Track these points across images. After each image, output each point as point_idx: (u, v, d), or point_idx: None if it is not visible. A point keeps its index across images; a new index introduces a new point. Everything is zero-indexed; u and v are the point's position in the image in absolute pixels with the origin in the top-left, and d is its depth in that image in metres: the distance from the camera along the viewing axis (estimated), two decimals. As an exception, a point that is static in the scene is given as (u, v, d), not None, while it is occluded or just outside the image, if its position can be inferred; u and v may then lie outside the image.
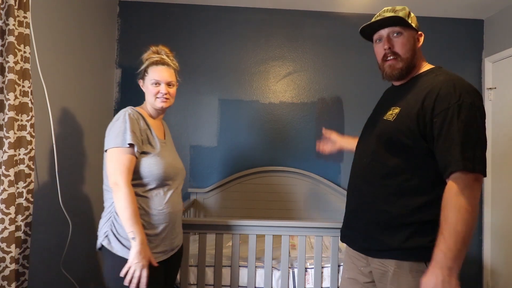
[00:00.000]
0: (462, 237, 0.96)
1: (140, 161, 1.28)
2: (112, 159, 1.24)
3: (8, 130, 1.32)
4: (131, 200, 1.20)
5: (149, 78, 1.38)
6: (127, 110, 1.31)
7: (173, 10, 2.64)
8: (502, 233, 2.45)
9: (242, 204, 2.58)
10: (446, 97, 1.02)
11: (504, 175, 2.45)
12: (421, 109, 1.05)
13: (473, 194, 0.97)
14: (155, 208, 1.30)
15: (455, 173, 0.99)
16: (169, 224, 1.34)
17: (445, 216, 0.98)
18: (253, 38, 2.67)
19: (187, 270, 1.78)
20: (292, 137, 2.66)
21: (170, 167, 1.34)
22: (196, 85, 2.64)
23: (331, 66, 2.68)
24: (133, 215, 1.20)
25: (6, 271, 1.32)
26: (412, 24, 1.15)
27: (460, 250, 0.96)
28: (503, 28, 2.49)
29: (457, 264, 0.96)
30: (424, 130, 1.05)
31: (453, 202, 0.98)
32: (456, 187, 0.98)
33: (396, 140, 1.10)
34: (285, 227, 1.76)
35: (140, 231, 1.20)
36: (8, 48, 1.32)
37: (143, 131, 1.31)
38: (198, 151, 2.64)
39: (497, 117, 2.55)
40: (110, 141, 1.25)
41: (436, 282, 0.96)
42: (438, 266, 0.96)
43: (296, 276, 1.79)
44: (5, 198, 1.31)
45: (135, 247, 1.19)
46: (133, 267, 1.19)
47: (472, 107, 1.01)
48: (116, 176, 1.22)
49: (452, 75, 1.09)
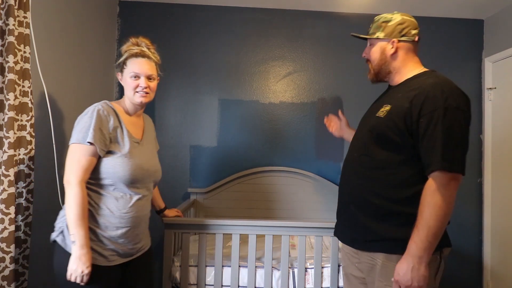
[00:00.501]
0: (433, 231, 1.06)
1: (104, 160, 1.22)
2: (70, 155, 1.19)
3: (8, 130, 1.32)
4: (80, 201, 1.15)
5: (128, 70, 1.31)
6: (98, 105, 1.24)
7: (173, 10, 2.64)
8: (502, 233, 2.45)
9: (242, 204, 2.58)
10: (433, 99, 1.08)
11: (504, 175, 2.45)
12: (409, 108, 1.12)
13: (449, 193, 1.06)
14: (118, 210, 1.24)
15: (435, 172, 1.07)
16: (131, 229, 1.28)
17: (421, 211, 1.08)
18: (253, 38, 2.67)
19: (187, 270, 1.78)
20: (292, 137, 2.66)
21: (138, 169, 1.26)
22: (196, 85, 2.64)
23: (331, 66, 2.68)
24: (78, 217, 1.14)
25: (5, 271, 1.32)
26: (381, 35, 1.25)
27: (430, 242, 1.06)
28: (503, 28, 2.49)
29: (427, 254, 1.07)
30: (411, 128, 1.12)
31: (428, 199, 1.07)
32: (434, 185, 1.07)
33: (385, 136, 1.17)
34: (285, 227, 1.76)
35: (82, 235, 1.14)
36: (8, 48, 1.32)
37: (112, 129, 1.24)
38: (198, 151, 2.64)
39: (497, 117, 2.55)
40: (73, 135, 1.20)
41: (407, 268, 1.07)
42: (410, 254, 1.08)
43: (296, 276, 1.79)
44: (5, 198, 1.31)
45: (74, 252, 1.14)
46: (73, 274, 1.13)
47: (457, 110, 1.07)
48: (70, 173, 1.17)
49: (442, 79, 1.14)
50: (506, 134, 2.45)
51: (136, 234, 1.31)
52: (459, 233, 2.64)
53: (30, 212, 1.45)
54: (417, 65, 1.26)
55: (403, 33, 1.23)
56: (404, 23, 1.24)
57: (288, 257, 1.79)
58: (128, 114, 1.35)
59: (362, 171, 1.23)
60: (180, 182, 2.61)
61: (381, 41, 1.26)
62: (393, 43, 1.23)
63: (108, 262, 1.25)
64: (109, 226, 1.24)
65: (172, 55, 2.63)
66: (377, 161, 1.19)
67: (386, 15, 1.27)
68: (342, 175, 1.34)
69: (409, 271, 1.07)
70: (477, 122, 2.69)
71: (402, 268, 1.09)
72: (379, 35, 1.25)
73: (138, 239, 1.33)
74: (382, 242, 1.19)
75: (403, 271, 1.08)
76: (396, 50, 1.24)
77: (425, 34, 2.70)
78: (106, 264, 1.24)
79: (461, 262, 2.65)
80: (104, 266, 1.23)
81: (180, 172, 2.61)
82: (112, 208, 1.24)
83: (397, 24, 1.23)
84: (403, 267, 1.09)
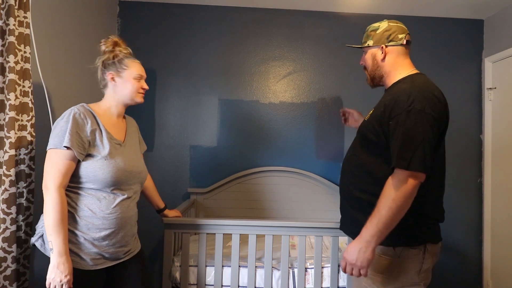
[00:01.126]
0: (383, 220, 1.14)
1: (83, 163, 1.20)
2: (48, 160, 1.18)
3: (9, 130, 1.32)
4: (58, 208, 1.13)
5: (131, 72, 1.32)
6: (74, 109, 1.22)
7: (173, 10, 2.64)
8: (502, 233, 2.45)
9: (242, 204, 2.59)
10: (401, 103, 1.18)
11: (504, 175, 2.45)
12: (383, 112, 1.23)
13: (405, 188, 1.13)
14: (101, 211, 1.22)
15: (395, 169, 1.16)
16: (116, 231, 1.25)
17: (378, 201, 1.17)
18: (253, 38, 2.67)
19: (187, 270, 1.78)
20: (292, 137, 2.66)
21: (119, 171, 1.24)
22: (196, 85, 2.64)
23: (331, 66, 2.68)
24: (55, 223, 1.12)
25: (7, 270, 1.32)
26: (371, 43, 1.35)
27: (380, 230, 1.14)
28: (503, 28, 2.49)
29: (375, 240, 1.15)
30: (384, 130, 1.23)
31: (385, 192, 1.16)
32: (392, 180, 1.16)
33: (367, 137, 1.30)
34: (285, 227, 1.77)
35: (60, 242, 1.12)
36: (8, 48, 1.32)
37: (90, 132, 1.22)
38: (198, 151, 2.64)
39: (497, 117, 2.55)
40: (51, 140, 1.18)
41: (355, 249, 1.18)
42: (360, 239, 1.18)
43: (296, 276, 1.79)
44: (6, 198, 1.32)
45: (52, 261, 1.11)
46: (52, 284, 1.10)
47: (420, 113, 1.15)
48: (48, 179, 1.15)
49: (417, 84, 1.23)
50: (506, 134, 2.45)
51: (122, 237, 1.28)
52: (459, 233, 2.64)
53: (31, 212, 1.45)
54: (407, 67, 1.34)
55: (390, 39, 1.32)
56: (391, 29, 1.33)
57: (288, 257, 1.79)
58: (110, 116, 1.34)
59: (351, 169, 1.36)
60: (180, 182, 2.61)
61: (372, 48, 1.37)
62: (382, 48, 1.33)
63: (91, 266, 1.22)
64: (91, 228, 1.21)
65: (172, 55, 2.63)
66: (361, 160, 1.32)
67: (374, 24, 1.38)
68: (340, 173, 1.46)
69: (356, 251, 1.17)
70: (477, 122, 2.69)
71: (352, 247, 1.19)
72: (369, 43, 1.37)
73: (124, 242, 1.30)
74: None
75: (351, 249, 1.19)
76: (385, 55, 1.33)
77: (425, 34, 2.71)
78: (89, 268, 1.21)
79: (461, 261, 2.66)
80: (86, 270, 1.20)
81: (180, 172, 2.61)
82: (94, 209, 1.22)
83: (384, 31, 1.33)
84: (353, 246, 1.19)
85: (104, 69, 1.34)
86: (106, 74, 1.33)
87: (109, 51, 1.34)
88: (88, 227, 1.21)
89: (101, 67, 1.35)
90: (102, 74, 1.35)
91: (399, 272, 1.23)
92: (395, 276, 1.23)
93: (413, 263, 1.22)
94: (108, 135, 1.27)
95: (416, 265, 1.22)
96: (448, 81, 2.67)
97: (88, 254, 1.21)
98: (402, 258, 1.22)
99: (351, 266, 1.19)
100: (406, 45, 1.33)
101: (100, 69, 1.35)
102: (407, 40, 1.32)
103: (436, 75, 2.68)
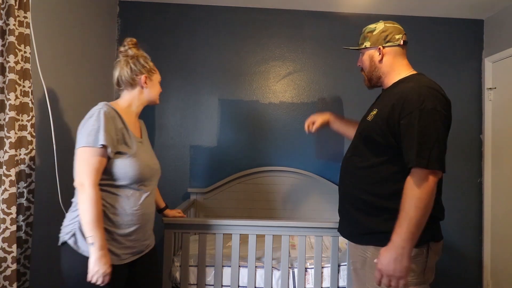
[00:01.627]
0: (413, 222, 1.12)
1: (114, 161, 1.23)
2: (81, 159, 1.19)
3: (9, 130, 1.32)
4: (95, 204, 1.16)
5: (158, 76, 1.44)
6: (102, 107, 1.23)
7: (173, 10, 2.64)
8: (502, 233, 2.46)
9: (242, 204, 2.59)
10: (411, 102, 1.17)
11: (504, 175, 2.45)
12: (391, 112, 1.22)
13: (427, 186, 1.12)
14: (129, 208, 1.26)
15: (413, 169, 1.15)
16: (141, 226, 1.31)
17: (402, 204, 1.15)
18: (253, 38, 2.67)
19: (187, 270, 1.78)
20: (292, 137, 2.66)
21: (146, 168, 1.31)
22: (196, 85, 2.64)
23: (331, 66, 2.68)
24: (94, 219, 1.15)
25: (7, 271, 1.32)
26: (368, 44, 1.36)
27: (412, 233, 1.12)
28: (503, 28, 2.49)
29: (409, 244, 1.13)
30: (393, 130, 1.21)
31: (408, 193, 1.14)
32: (412, 180, 1.15)
33: (371, 137, 1.28)
34: (285, 227, 1.77)
35: (100, 237, 1.16)
36: (8, 48, 1.32)
37: (118, 130, 1.25)
38: (198, 151, 2.64)
39: (497, 117, 2.55)
40: (82, 139, 1.19)
41: (390, 258, 1.13)
42: (393, 245, 1.14)
43: (296, 276, 1.79)
44: (6, 198, 1.32)
45: (94, 254, 1.14)
46: (95, 276, 1.14)
47: (433, 111, 1.15)
48: (83, 176, 1.17)
49: (423, 82, 1.23)
50: (506, 134, 2.45)
51: (145, 231, 1.35)
52: (459, 233, 2.64)
53: (31, 212, 1.45)
54: (405, 68, 1.35)
55: (388, 39, 1.33)
56: (387, 30, 1.33)
57: (288, 257, 1.79)
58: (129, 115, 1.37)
59: (352, 170, 1.35)
60: (180, 182, 2.61)
61: (369, 49, 1.37)
62: (379, 49, 1.34)
63: (120, 260, 1.27)
64: (122, 225, 1.26)
65: (172, 55, 2.63)
66: (364, 160, 1.30)
67: (371, 26, 1.38)
68: (339, 175, 1.45)
69: (391, 262, 1.13)
70: (477, 122, 2.69)
71: (386, 258, 1.14)
72: (366, 44, 1.37)
73: (147, 236, 1.37)
74: (371, 235, 1.28)
75: (386, 260, 1.14)
76: (382, 56, 1.34)
77: (425, 34, 2.71)
78: (119, 262, 1.25)
79: (461, 261, 2.66)
80: (116, 265, 1.24)
81: (180, 172, 2.61)
82: (124, 206, 1.26)
83: (381, 32, 1.34)
84: (387, 256, 1.14)
85: (136, 70, 1.36)
86: (140, 77, 1.36)
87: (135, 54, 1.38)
88: (119, 223, 1.25)
89: (132, 67, 1.35)
90: (134, 75, 1.36)
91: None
92: None
93: (418, 262, 1.21)
94: (132, 133, 1.32)
95: (420, 264, 1.22)
96: (448, 81, 2.67)
97: (119, 250, 1.26)
98: None
99: (389, 278, 1.15)
100: (403, 46, 1.34)
101: (130, 69, 1.35)
102: (404, 40, 1.33)
103: (436, 75, 2.68)
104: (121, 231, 1.25)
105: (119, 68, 1.37)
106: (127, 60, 1.36)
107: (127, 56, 1.37)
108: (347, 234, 1.42)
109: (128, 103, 1.38)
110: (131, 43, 1.39)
